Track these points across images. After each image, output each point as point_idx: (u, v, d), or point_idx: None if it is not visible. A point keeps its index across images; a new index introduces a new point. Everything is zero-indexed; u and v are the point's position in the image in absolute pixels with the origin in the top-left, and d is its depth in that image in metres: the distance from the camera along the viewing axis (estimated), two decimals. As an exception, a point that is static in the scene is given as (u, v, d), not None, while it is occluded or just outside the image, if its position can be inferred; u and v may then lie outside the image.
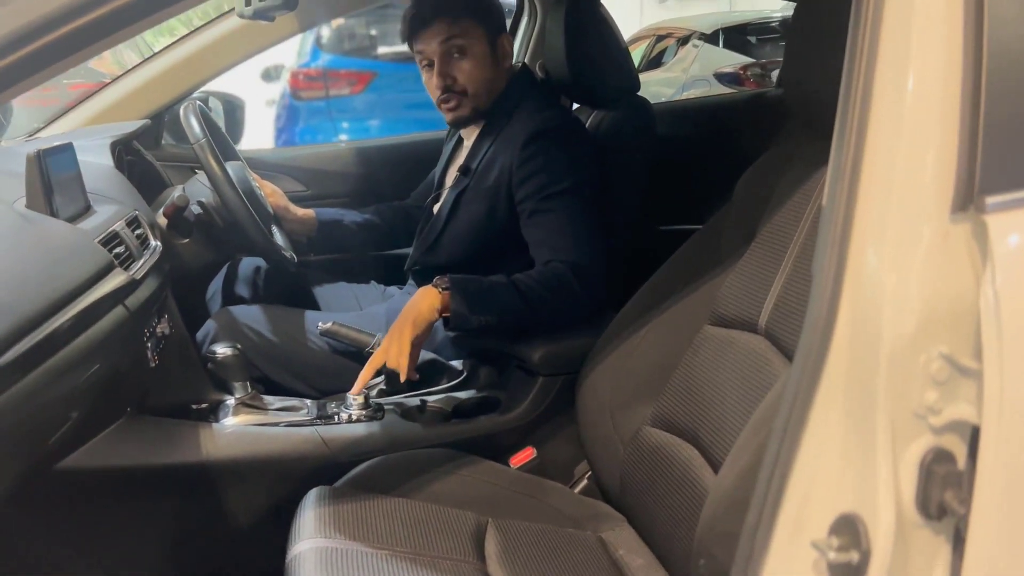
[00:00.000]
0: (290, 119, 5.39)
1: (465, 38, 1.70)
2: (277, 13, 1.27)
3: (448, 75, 1.72)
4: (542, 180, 1.64)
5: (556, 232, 1.62)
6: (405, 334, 1.50)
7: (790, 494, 0.70)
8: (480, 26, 1.71)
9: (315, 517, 1.22)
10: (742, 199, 1.30)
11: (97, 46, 0.80)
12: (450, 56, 1.71)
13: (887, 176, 0.68)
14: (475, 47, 1.71)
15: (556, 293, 1.56)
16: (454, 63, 1.71)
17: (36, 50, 0.75)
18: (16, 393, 0.94)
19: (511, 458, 1.57)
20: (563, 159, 1.66)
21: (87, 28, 0.76)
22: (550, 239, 1.62)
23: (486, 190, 1.72)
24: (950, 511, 0.66)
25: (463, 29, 1.70)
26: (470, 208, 1.76)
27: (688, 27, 7.05)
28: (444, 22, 1.69)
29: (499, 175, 1.70)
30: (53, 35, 0.75)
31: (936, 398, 0.67)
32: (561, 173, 1.64)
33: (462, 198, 1.78)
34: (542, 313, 1.56)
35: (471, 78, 1.72)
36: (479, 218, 1.74)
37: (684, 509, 1.16)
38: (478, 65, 1.72)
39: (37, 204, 1.26)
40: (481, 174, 1.74)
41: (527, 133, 1.67)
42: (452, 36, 1.69)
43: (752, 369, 1.13)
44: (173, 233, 1.76)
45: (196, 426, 1.48)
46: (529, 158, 1.65)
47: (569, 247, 1.60)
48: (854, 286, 0.69)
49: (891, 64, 0.69)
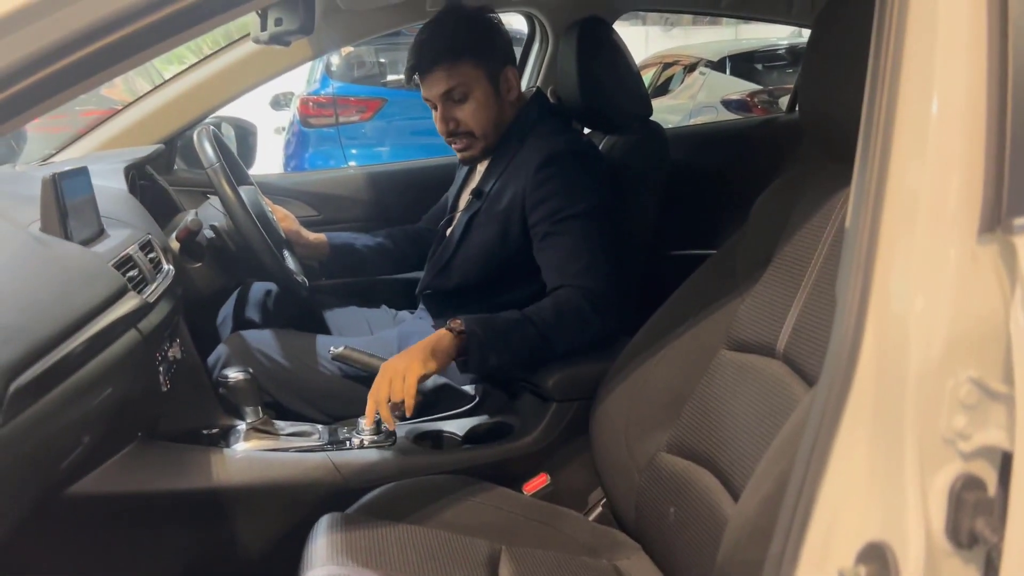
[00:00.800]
0: (300, 145, 5.42)
1: (465, 84, 1.70)
2: (293, 38, 1.29)
3: (450, 119, 1.73)
4: (556, 204, 1.63)
5: (568, 256, 1.61)
6: (413, 369, 1.43)
7: (816, 521, 0.69)
8: (480, 67, 1.71)
9: (327, 544, 1.21)
10: (758, 223, 1.30)
11: (113, 70, 0.80)
12: (451, 102, 1.71)
13: (912, 198, 0.67)
14: (476, 90, 1.71)
15: (570, 322, 1.55)
16: (455, 108, 1.72)
17: (52, 74, 0.75)
18: (30, 417, 0.93)
19: (525, 485, 1.55)
20: (577, 182, 1.65)
21: (103, 52, 0.76)
22: (562, 263, 1.61)
23: (498, 213, 1.72)
24: (982, 539, 0.65)
25: (462, 75, 1.69)
26: (482, 231, 1.75)
27: (694, 55, 7.09)
28: (442, 70, 1.69)
29: (512, 198, 1.69)
30: (69, 59, 0.75)
31: (965, 423, 0.66)
32: (575, 196, 1.63)
33: (474, 221, 1.77)
34: (558, 345, 1.55)
35: (475, 120, 1.73)
36: (491, 241, 1.73)
37: (702, 537, 1.14)
38: (480, 107, 1.72)
39: (52, 227, 1.26)
40: (494, 197, 1.74)
41: (541, 156, 1.67)
42: (451, 85, 1.69)
43: (770, 394, 1.11)
44: (186, 257, 1.76)
45: (207, 451, 1.47)
46: (543, 181, 1.65)
47: (581, 272, 1.59)
48: (880, 309, 0.68)
49: (915, 86, 0.68)
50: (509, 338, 1.53)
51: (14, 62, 0.72)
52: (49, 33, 0.72)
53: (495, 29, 1.79)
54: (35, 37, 0.72)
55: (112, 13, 0.74)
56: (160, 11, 0.75)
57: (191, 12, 0.78)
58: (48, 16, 0.71)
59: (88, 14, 0.73)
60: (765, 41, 7.23)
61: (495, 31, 1.79)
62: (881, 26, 0.72)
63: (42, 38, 0.72)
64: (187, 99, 2.13)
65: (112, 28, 0.75)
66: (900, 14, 0.69)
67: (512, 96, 1.77)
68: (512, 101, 1.77)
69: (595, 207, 1.64)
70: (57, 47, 0.73)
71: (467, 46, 1.70)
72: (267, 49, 2.02)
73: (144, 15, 0.75)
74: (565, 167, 1.66)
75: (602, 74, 1.86)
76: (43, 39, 0.72)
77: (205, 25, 0.82)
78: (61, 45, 0.73)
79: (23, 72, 0.73)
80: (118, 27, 0.75)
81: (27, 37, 0.72)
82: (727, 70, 6.64)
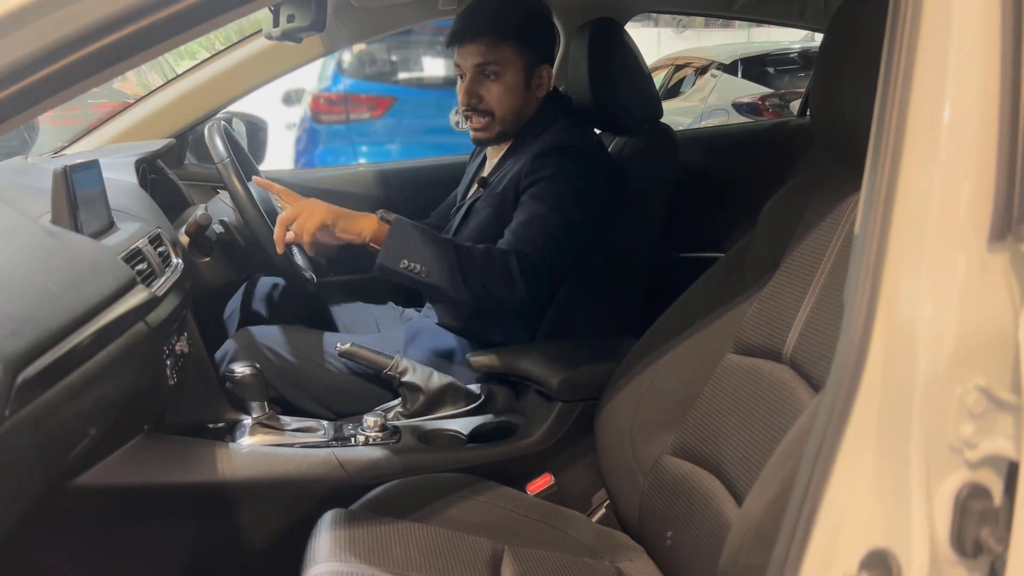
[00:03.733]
0: (310, 142, 5.43)
1: (501, 64, 1.71)
2: (305, 34, 1.29)
3: (475, 94, 1.73)
4: (543, 186, 1.64)
5: (525, 224, 1.61)
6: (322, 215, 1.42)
7: (820, 527, 0.68)
8: (521, 55, 1.71)
9: (330, 540, 1.21)
10: (767, 226, 1.29)
11: (127, 64, 0.80)
12: (482, 76, 1.72)
13: (922, 204, 0.67)
14: (509, 74, 1.72)
15: (494, 270, 1.52)
16: (484, 83, 1.72)
17: (67, 66, 0.76)
18: (37, 407, 0.94)
19: (528, 484, 1.55)
20: (571, 175, 1.65)
21: (117, 46, 0.77)
22: (517, 227, 1.61)
23: (495, 196, 1.73)
24: (986, 549, 0.64)
25: (501, 55, 1.70)
26: (479, 215, 1.77)
27: (707, 57, 7.08)
28: (484, 43, 1.69)
29: (508, 182, 1.71)
30: (84, 52, 0.76)
31: (972, 431, 0.65)
32: (564, 186, 1.63)
33: (474, 206, 1.79)
34: (472, 283, 1.51)
35: (499, 102, 1.73)
36: (486, 224, 1.74)
37: (706, 540, 1.14)
38: (508, 91, 1.73)
39: (62, 220, 1.27)
40: (495, 184, 1.76)
41: (544, 146, 1.68)
42: (488, 60, 1.70)
43: (777, 399, 1.11)
44: (194, 251, 1.77)
45: (212, 445, 1.47)
46: (539, 167, 1.66)
47: (528, 240, 1.57)
48: (888, 315, 0.68)
49: (927, 92, 0.68)
50: (428, 249, 1.49)
51: (30, 53, 0.73)
52: (65, 25, 0.73)
53: (546, 24, 1.81)
54: (51, 29, 0.73)
55: (126, 7, 0.74)
56: (173, 6, 0.76)
57: (204, 7, 0.78)
58: (64, 8, 0.72)
59: (103, 8, 0.73)
60: (777, 44, 7.22)
61: (545, 26, 1.81)
62: (894, 31, 0.71)
63: (58, 30, 0.73)
64: (199, 94, 2.14)
65: (126, 22, 0.75)
66: (913, 20, 0.69)
67: (540, 93, 1.78)
68: (539, 98, 1.78)
69: (579, 201, 1.64)
70: (72, 39, 0.74)
71: (516, 30, 1.71)
72: (279, 45, 2.03)
73: (158, 10, 0.75)
74: (564, 159, 1.67)
75: (613, 75, 1.86)
76: (59, 31, 0.73)
77: (218, 20, 0.83)
78: (77, 38, 0.74)
79: (38, 63, 0.74)
80: (132, 21, 0.75)
81: (44, 29, 0.73)
82: (739, 73, 6.63)
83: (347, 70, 5.50)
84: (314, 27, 1.19)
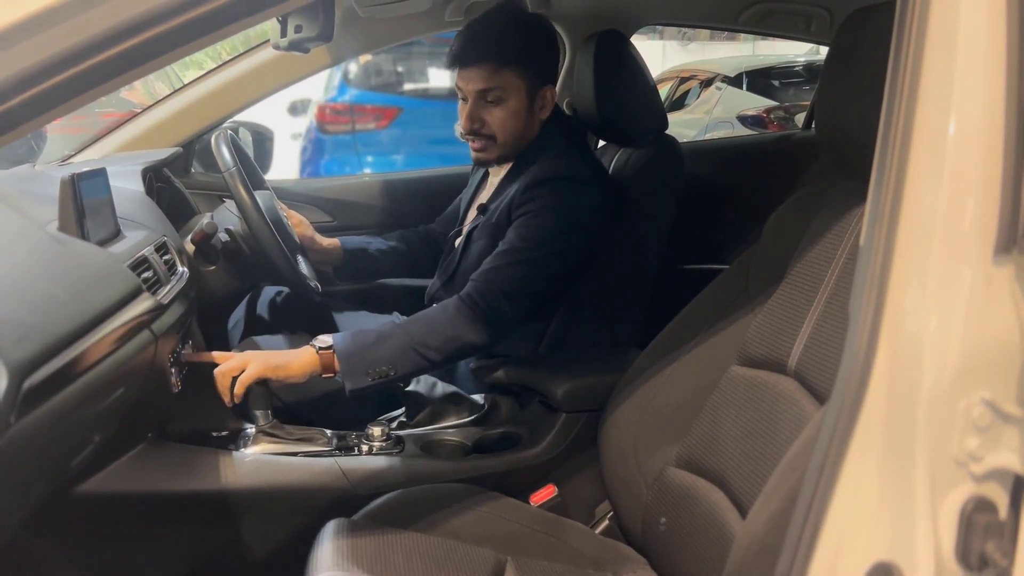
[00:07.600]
0: (316, 152, 5.45)
1: (502, 90, 1.68)
2: (312, 45, 1.29)
3: (478, 119, 1.71)
4: (527, 223, 1.64)
5: (494, 257, 1.63)
6: (256, 370, 1.47)
7: (824, 540, 0.68)
8: (524, 79, 1.69)
9: (333, 549, 1.21)
10: (771, 238, 1.29)
11: (134, 73, 0.81)
12: (484, 101, 1.70)
13: (928, 217, 0.67)
14: (512, 99, 1.69)
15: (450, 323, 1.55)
16: (487, 108, 1.70)
17: (75, 75, 0.76)
18: (42, 414, 0.94)
19: (532, 495, 1.55)
20: (557, 210, 1.64)
21: (125, 55, 0.77)
22: (485, 264, 1.63)
23: (491, 226, 1.73)
24: (992, 563, 0.64)
25: (503, 80, 1.67)
26: (478, 244, 1.76)
27: (711, 70, 7.09)
28: (487, 68, 1.66)
29: (501, 214, 1.71)
30: (92, 61, 0.76)
31: (977, 445, 0.65)
32: (551, 219, 1.63)
33: (473, 234, 1.79)
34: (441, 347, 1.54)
35: (501, 127, 1.71)
36: (485, 253, 1.72)
37: (709, 553, 1.14)
38: (510, 116, 1.70)
39: (69, 227, 1.27)
40: (490, 213, 1.75)
41: (534, 177, 1.67)
42: (491, 86, 1.67)
43: (781, 411, 1.11)
44: (200, 260, 1.77)
45: (216, 454, 1.47)
46: (528, 200, 1.65)
47: (489, 273, 1.60)
48: (893, 328, 0.68)
49: (932, 105, 0.68)
50: (381, 349, 1.51)
51: (40, 62, 0.73)
52: (75, 35, 0.73)
53: (549, 44, 1.78)
54: (60, 39, 0.73)
55: (134, 17, 0.74)
56: (181, 16, 0.76)
57: (211, 17, 0.78)
58: (73, 19, 0.72)
59: (111, 18, 0.74)
60: (783, 57, 7.24)
61: (548, 47, 1.78)
62: (899, 45, 0.71)
63: (67, 40, 0.73)
64: (205, 103, 2.15)
65: (134, 32, 0.76)
66: (919, 33, 0.69)
67: (544, 115, 1.76)
68: (541, 120, 1.76)
69: (565, 232, 1.64)
70: (81, 49, 0.74)
71: (518, 55, 1.68)
72: (286, 55, 2.04)
73: (165, 20, 0.76)
74: (551, 192, 1.65)
75: (618, 87, 1.86)
76: (68, 41, 0.73)
77: (225, 31, 0.83)
78: (85, 47, 0.74)
79: (48, 72, 0.74)
80: (140, 31, 0.76)
81: (53, 38, 0.73)
82: (744, 86, 6.63)
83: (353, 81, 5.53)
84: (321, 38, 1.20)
